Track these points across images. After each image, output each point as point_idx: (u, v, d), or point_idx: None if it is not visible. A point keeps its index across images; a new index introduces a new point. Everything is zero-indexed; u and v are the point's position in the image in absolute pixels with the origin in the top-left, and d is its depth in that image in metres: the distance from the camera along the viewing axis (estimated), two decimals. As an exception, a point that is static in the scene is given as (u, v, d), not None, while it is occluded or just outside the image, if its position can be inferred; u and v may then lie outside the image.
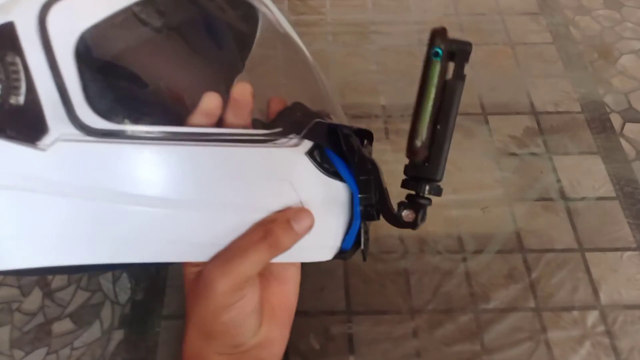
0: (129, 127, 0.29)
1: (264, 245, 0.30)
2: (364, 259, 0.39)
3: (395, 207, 0.37)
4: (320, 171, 0.36)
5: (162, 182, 0.29)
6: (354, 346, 0.67)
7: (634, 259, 0.76)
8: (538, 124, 0.92)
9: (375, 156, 0.44)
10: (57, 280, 0.75)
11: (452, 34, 0.33)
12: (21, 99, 0.27)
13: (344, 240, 0.39)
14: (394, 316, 0.69)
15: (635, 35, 1.07)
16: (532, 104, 0.94)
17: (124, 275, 0.75)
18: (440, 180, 0.35)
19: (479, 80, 0.98)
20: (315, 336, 0.68)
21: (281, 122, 0.35)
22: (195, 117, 0.31)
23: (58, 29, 0.28)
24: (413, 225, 0.35)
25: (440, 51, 0.31)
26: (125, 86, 0.35)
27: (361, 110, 0.92)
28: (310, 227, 0.32)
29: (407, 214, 0.35)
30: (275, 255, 0.31)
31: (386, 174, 0.48)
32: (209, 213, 0.31)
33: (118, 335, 0.70)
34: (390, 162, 0.84)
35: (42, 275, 0.72)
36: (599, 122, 0.92)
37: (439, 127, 0.33)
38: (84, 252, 0.29)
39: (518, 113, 0.93)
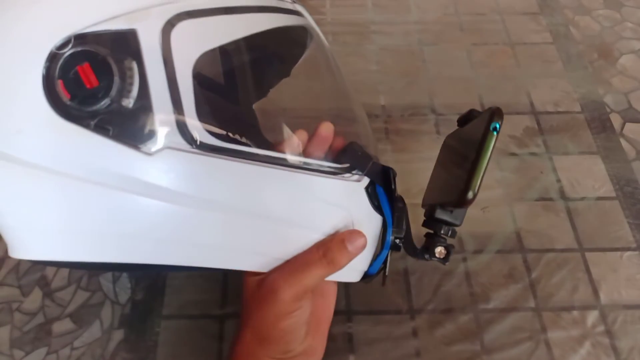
0: (231, 146, 0.32)
1: (324, 262, 0.34)
2: (383, 284, 0.46)
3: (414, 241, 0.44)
4: (372, 205, 0.41)
5: (249, 197, 0.33)
6: (354, 346, 0.67)
7: (634, 259, 0.76)
8: (538, 124, 0.92)
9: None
10: (57, 280, 0.75)
11: (452, 34, 0.35)
12: (131, 103, 0.29)
13: (371, 265, 0.44)
14: (394, 316, 0.69)
15: (635, 35, 1.07)
16: (532, 104, 0.94)
17: (124, 275, 0.75)
18: (460, 225, 0.41)
19: (479, 80, 0.98)
20: (315, 336, 0.68)
21: (347, 160, 0.40)
22: (284, 146, 0.37)
23: (180, 45, 0.30)
24: (444, 260, 0.42)
25: (498, 126, 0.38)
26: (226, 107, 0.40)
27: (361, 110, 0.92)
28: (362, 248, 0.37)
29: (439, 251, 0.42)
30: (332, 271, 0.35)
31: (386, 174, 0.48)
32: (280, 228, 0.35)
33: (118, 335, 0.70)
34: (390, 162, 0.83)
35: (105, 270, 0.73)
36: (599, 122, 0.92)
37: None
38: (168, 253, 0.32)
39: (518, 113, 0.93)
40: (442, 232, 0.42)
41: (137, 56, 0.29)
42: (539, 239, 0.78)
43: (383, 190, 0.43)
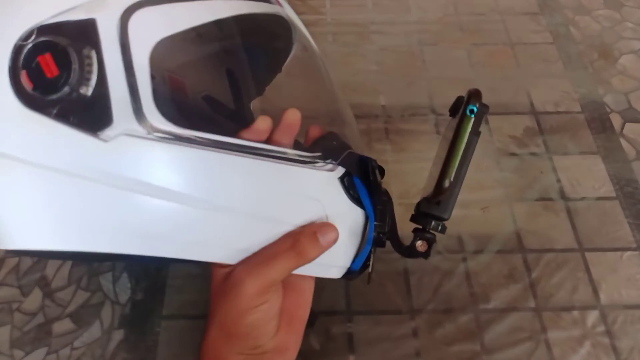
0: (190, 132, 0.31)
1: (292, 254, 0.32)
2: (368, 282, 0.44)
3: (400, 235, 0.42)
4: (348, 197, 0.39)
5: (210, 186, 0.32)
6: (354, 346, 0.67)
7: (634, 259, 0.76)
8: (538, 124, 0.92)
9: (375, 156, 0.45)
10: (57, 280, 0.75)
11: (452, 34, 0.35)
12: (90, 91, 0.29)
13: (353, 262, 0.42)
14: (394, 316, 0.69)
15: (635, 35, 1.07)
16: (532, 104, 0.94)
17: (124, 275, 0.75)
18: (448, 219, 0.40)
19: (479, 80, 0.98)
20: (315, 336, 0.68)
21: (320, 148, 0.38)
22: (248, 133, 0.35)
23: (138, 33, 0.30)
24: (425, 255, 0.40)
25: (475, 109, 0.35)
26: (188, 94, 0.38)
27: (361, 110, 0.92)
28: (334, 241, 0.36)
29: (420, 244, 0.40)
30: (301, 264, 0.33)
31: (386, 174, 0.48)
32: (245, 220, 0.33)
33: (118, 335, 0.70)
34: (390, 162, 0.84)
35: (67, 259, 0.72)
36: (599, 122, 0.92)
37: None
38: (125, 243, 0.31)
39: (518, 113, 0.93)
40: (431, 227, 0.40)
41: (96, 45, 0.29)
42: (539, 239, 0.78)
43: (361, 182, 0.40)
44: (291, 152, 0.36)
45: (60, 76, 0.29)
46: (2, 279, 0.75)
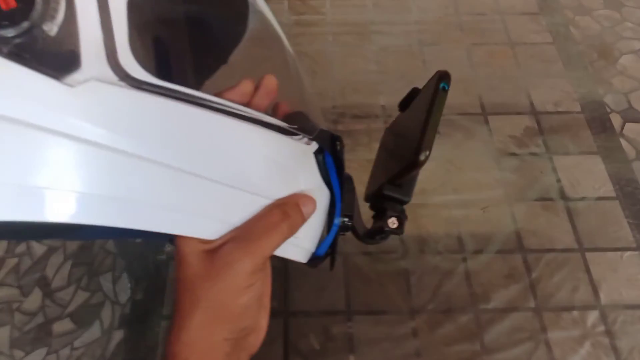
0: (169, 85, 0.28)
1: (284, 227, 0.31)
2: (331, 268, 0.41)
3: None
4: (320, 175, 0.37)
5: (185, 143, 0.28)
6: (354, 346, 0.67)
7: (634, 259, 0.76)
8: (538, 124, 0.92)
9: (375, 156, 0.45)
10: (57, 280, 0.75)
11: (452, 34, 0.35)
12: (54, 29, 0.25)
13: (318, 247, 0.39)
14: (394, 316, 0.69)
15: (635, 35, 1.07)
16: (532, 104, 0.94)
17: (124, 275, 0.75)
18: (409, 202, 0.39)
19: (479, 80, 0.98)
20: (315, 336, 0.68)
21: (294, 121, 0.36)
22: (231, 93, 0.33)
23: None
24: (399, 231, 0.38)
25: (447, 86, 0.36)
26: (167, 46, 0.35)
27: (361, 110, 0.92)
28: (311, 214, 0.34)
29: (392, 221, 0.38)
30: (290, 236, 0.32)
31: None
32: (223, 187, 0.30)
33: (118, 335, 0.70)
34: (390, 162, 0.84)
35: (21, 238, 0.64)
36: (599, 122, 0.92)
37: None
38: (89, 210, 0.26)
39: (518, 113, 0.93)
40: (395, 210, 0.39)
41: None
42: (539, 239, 0.78)
43: (332, 162, 0.39)
44: (272, 119, 0.33)
45: (18, 9, 0.25)
46: (2, 279, 0.75)
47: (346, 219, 0.39)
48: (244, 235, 0.31)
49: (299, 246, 0.36)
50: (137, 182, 0.27)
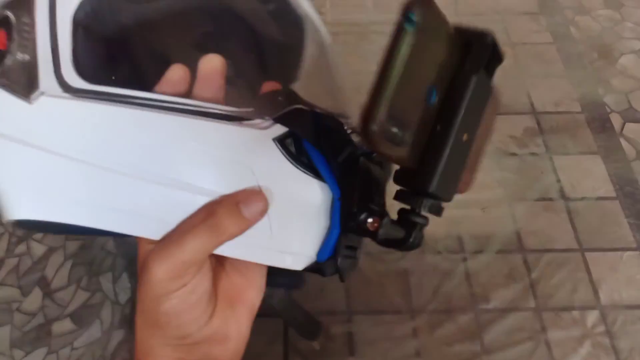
0: (103, 88, 0.31)
1: (204, 229, 0.27)
2: (341, 280, 0.33)
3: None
4: (292, 163, 0.32)
5: (116, 144, 0.31)
6: (354, 346, 0.67)
7: (634, 259, 0.76)
8: (538, 124, 0.92)
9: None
10: (57, 280, 0.75)
11: None
12: (27, 57, 0.30)
13: (320, 251, 0.34)
14: (394, 316, 0.69)
15: (635, 35, 1.07)
16: (532, 104, 0.94)
17: (124, 275, 0.75)
18: (431, 192, 0.27)
19: (479, 80, 0.98)
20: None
21: (256, 103, 0.32)
22: (160, 85, 0.30)
23: None
24: (374, 235, 0.29)
25: (413, 17, 0.24)
26: (106, 54, 0.37)
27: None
28: (262, 214, 0.29)
29: (371, 223, 0.29)
30: (219, 241, 0.28)
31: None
32: (160, 186, 0.30)
33: (118, 335, 0.70)
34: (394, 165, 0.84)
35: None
36: (599, 122, 0.92)
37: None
38: (48, 209, 0.31)
39: (518, 113, 0.93)
40: (419, 207, 0.29)
41: (31, 12, 0.31)
42: (539, 239, 0.78)
43: (313, 147, 0.33)
44: (209, 106, 0.31)
45: (7, 49, 0.30)
46: (2, 279, 0.75)
47: (362, 217, 0.30)
48: (164, 238, 0.28)
49: (283, 252, 0.33)
50: (79, 183, 0.30)
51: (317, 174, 0.32)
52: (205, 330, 0.29)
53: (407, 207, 0.29)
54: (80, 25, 0.32)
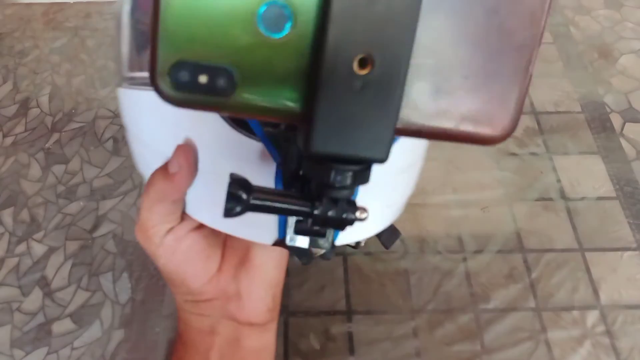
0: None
1: (147, 187, 0.28)
2: (303, 263, 0.31)
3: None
4: (231, 125, 0.28)
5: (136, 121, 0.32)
6: (354, 346, 0.67)
7: (634, 259, 0.76)
8: (538, 124, 0.92)
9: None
10: (57, 280, 0.75)
11: None
12: None
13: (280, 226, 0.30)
14: (394, 316, 0.69)
15: (635, 35, 1.07)
16: (532, 104, 0.94)
17: (124, 275, 0.75)
18: (315, 152, 0.18)
19: (479, 80, 0.98)
20: (315, 336, 0.68)
21: None
22: None
23: None
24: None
25: None
26: None
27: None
28: (183, 165, 0.28)
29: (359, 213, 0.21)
30: (162, 198, 0.28)
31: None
32: (144, 148, 0.32)
33: (118, 335, 0.70)
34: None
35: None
36: (599, 122, 0.92)
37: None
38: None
39: (518, 113, 0.93)
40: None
41: None
42: (539, 239, 0.78)
43: None
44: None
45: None
46: (2, 279, 0.75)
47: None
48: None
49: (257, 226, 0.30)
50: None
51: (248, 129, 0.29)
52: (213, 286, 0.31)
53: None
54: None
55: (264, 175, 0.29)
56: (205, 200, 0.29)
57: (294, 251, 0.30)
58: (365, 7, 0.16)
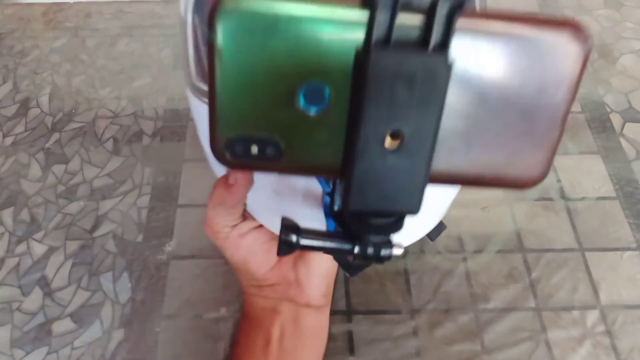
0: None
1: (212, 193, 0.31)
2: (350, 274, 0.33)
3: None
4: None
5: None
6: (354, 346, 0.67)
7: (634, 259, 0.76)
8: (538, 124, 0.92)
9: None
10: (57, 280, 0.75)
11: None
12: None
13: None
14: (394, 316, 0.69)
15: (635, 35, 1.07)
16: (532, 104, 0.94)
17: (124, 275, 0.75)
18: (351, 209, 0.20)
19: (479, 80, 0.98)
20: (315, 336, 0.68)
21: None
22: None
23: None
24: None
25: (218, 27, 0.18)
26: None
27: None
28: (241, 179, 0.29)
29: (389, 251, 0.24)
30: (222, 203, 0.31)
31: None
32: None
33: (118, 335, 0.70)
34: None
35: None
36: (599, 122, 0.92)
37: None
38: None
39: (518, 113, 0.93)
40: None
41: None
42: (539, 239, 0.78)
43: None
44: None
45: None
46: (2, 279, 0.75)
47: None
48: None
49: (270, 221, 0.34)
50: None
51: None
52: (274, 274, 0.36)
53: None
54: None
55: (314, 198, 0.33)
56: (262, 208, 0.33)
57: (343, 266, 0.35)
58: (396, 88, 0.18)
